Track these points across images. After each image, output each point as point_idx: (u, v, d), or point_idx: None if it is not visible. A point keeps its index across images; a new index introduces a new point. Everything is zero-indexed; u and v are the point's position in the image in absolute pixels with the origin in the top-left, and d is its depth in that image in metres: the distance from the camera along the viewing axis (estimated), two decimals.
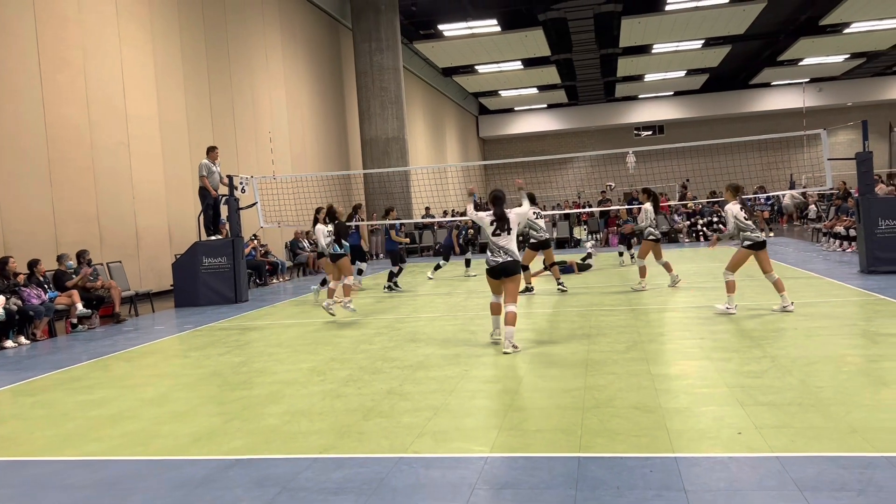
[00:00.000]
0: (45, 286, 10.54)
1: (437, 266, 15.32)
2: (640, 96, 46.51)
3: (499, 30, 28.12)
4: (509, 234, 7.21)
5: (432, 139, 36.17)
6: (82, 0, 12.98)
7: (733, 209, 8.70)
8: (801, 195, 26.53)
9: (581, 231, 27.74)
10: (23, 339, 9.69)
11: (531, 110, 48.47)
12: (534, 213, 11.52)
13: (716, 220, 21.68)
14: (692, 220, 22.77)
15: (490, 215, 7.31)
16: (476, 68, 34.99)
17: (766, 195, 25.79)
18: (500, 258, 7.17)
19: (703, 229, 22.04)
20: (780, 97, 44.84)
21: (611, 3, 26.22)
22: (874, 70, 41.86)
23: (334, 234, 10.23)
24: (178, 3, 15.82)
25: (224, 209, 13.77)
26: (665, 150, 16.13)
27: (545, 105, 47.37)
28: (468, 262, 16.02)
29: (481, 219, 7.38)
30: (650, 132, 48.45)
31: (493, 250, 7.24)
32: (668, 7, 26.26)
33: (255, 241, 16.62)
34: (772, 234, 22.45)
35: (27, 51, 11.81)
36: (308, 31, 22.56)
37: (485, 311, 9.45)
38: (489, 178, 45.73)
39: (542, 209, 14.92)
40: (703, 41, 31.95)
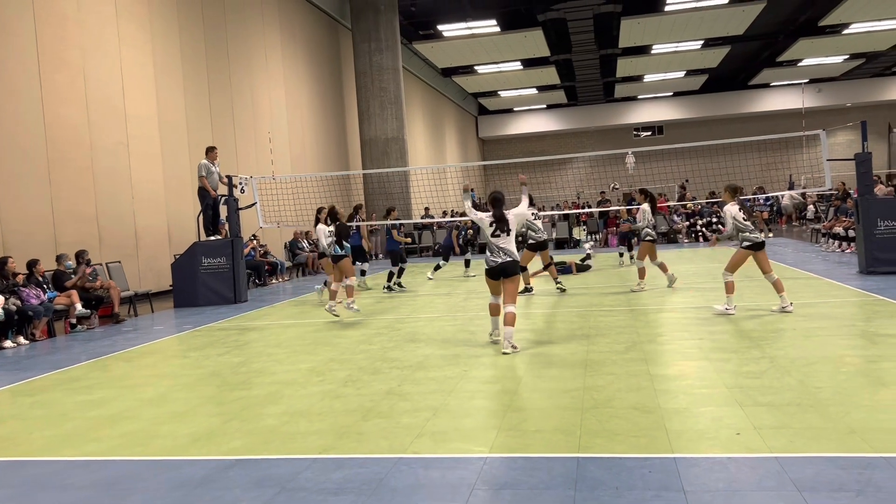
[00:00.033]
0: (45, 286, 10.54)
1: (437, 266, 15.32)
2: (639, 97, 46.54)
3: (498, 30, 28.13)
4: (508, 234, 7.24)
5: (432, 139, 36.17)
6: (81, 0, 12.98)
7: (732, 210, 8.71)
8: (801, 196, 26.55)
9: (580, 232, 27.76)
10: (22, 340, 9.69)
11: (530, 111, 48.49)
12: (532, 213, 11.52)
13: (715, 220, 21.69)
14: (691, 220, 22.78)
15: (490, 216, 7.32)
16: (475, 69, 35.01)
17: (765, 196, 25.80)
18: (500, 258, 7.18)
19: (703, 230, 22.05)
20: (780, 98, 44.89)
21: (610, 4, 26.24)
22: (873, 71, 41.89)
23: (335, 236, 10.23)
24: (177, 4, 15.82)
25: (223, 209, 13.78)
26: (664, 150, 16.14)
27: (544, 105, 47.39)
28: (468, 263, 16.01)
29: (481, 219, 7.39)
30: (649, 133, 48.49)
31: (492, 251, 7.25)
32: (667, 8, 26.27)
33: (255, 242, 16.62)
34: (771, 234, 22.46)
35: (26, 50, 11.81)
36: (307, 32, 22.57)
37: (484, 311, 9.45)
38: (488, 178, 45.77)
39: (541, 209, 14.95)
40: (702, 42, 31.96)
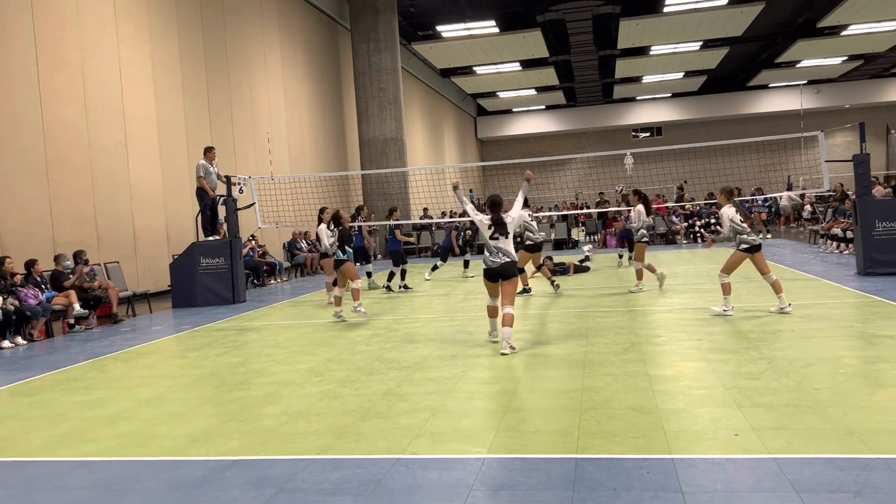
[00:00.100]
0: (43, 286, 10.53)
1: (435, 267, 15.33)
2: (638, 98, 46.57)
3: (497, 31, 28.13)
4: (507, 237, 7.28)
5: (430, 140, 36.17)
6: (80, 0, 12.98)
7: (728, 212, 8.74)
8: (799, 197, 26.58)
9: (579, 232, 27.77)
10: (20, 340, 9.68)
11: (529, 111, 48.51)
12: (528, 214, 11.56)
13: (713, 221, 21.71)
14: (690, 221, 22.81)
15: (488, 219, 7.35)
16: (474, 69, 35.01)
17: (763, 197, 25.83)
18: (499, 259, 7.20)
19: (701, 230, 22.07)
20: (778, 99, 44.95)
21: (609, 5, 26.25)
22: (872, 72, 41.95)
23: (338, 240, 10.17)
24: (176, 4, 15.81)
25: (222, 209, 13.77)
26: (663, 151, 16.16)
27: (543, 106, 47.41)
28: (466, 264, 16.02)
29: (481, 221, 7.42)
30: (648, 134, 48.54)
31: (490, 252, 7.28)
32: (666, 9, 26.29)
33: (253, 242, 16.61)
34: (769, 235, 22.48)
35: (25, 51, 11.80)
36: (306, 32, 22.56)
37: (482, 312, 9.45)
38: (487, 179, 45.78)
39: (539, 210, 14.96)
40: (701, 43, 31.98)
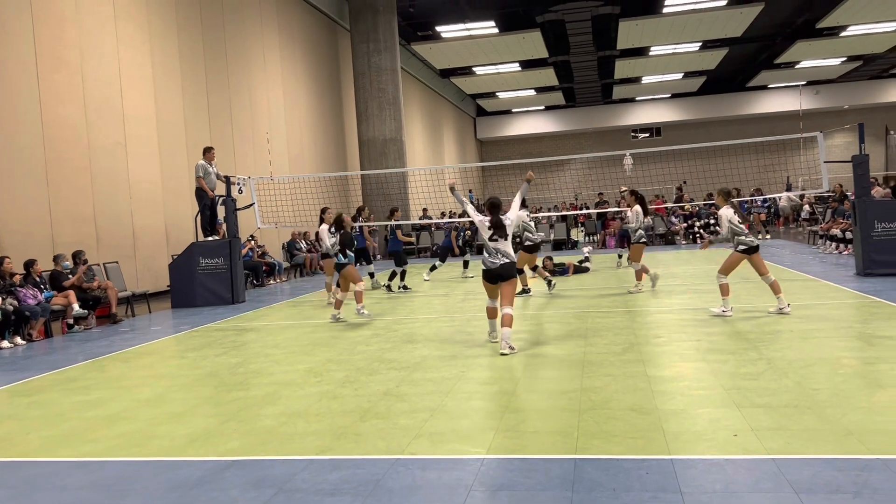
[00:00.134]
0: (42, 286, 10.53)
1: (433, 267, 15.33)
2: (637, 98, 46.59)
3: (496, 31, 28.14)
4: (506, 239, 7.33)
5: (430, 140, 36.17)
6: (80, 0, 12.98)
7: (727, 213, 8.75)
8: (799, 198, 26.60)
9: (578, 233, 27.77)
10: (19, 340, 9.67)
11: (528, 112, 48.52)
12: (526, 215, 11.60)
13: (713, 221, 21.72)
14: (689, 222, 22.81)
15: (488, 221, 7.37)
16: (474, 70, 35.02)
17: (762, 197, 25.85)
18: (498, 261, 7.23)
19: (700, 231, 22.08)
20: (777, 100, 44.98)
21: (608, 6, 26.26)
22: (871, 73, 41.98)
23: (339, 244, 10.10)
24: (175, 4, 15.81)
25: (221, 210, 13.76)
26: (662, 152, 16.17)
27: (543, 107, 47.42)
28: (466, 264, 16.02)
29: (482, 222, 7.44)
30: (647, 134, 48.56)
31: (490, 253, 7.31)
32: (665, 9, 26.30)
33: (253, 242, 16.61)
34: (768, 236, 22.49)
35: (24, 51, 11.80)
36: (306, 32, 22.56)
37: (482, 312, 9.45)
38: (487, 179, 45.79)
39: (539, 210, 14.97)
40: (700, 44, 32.00)
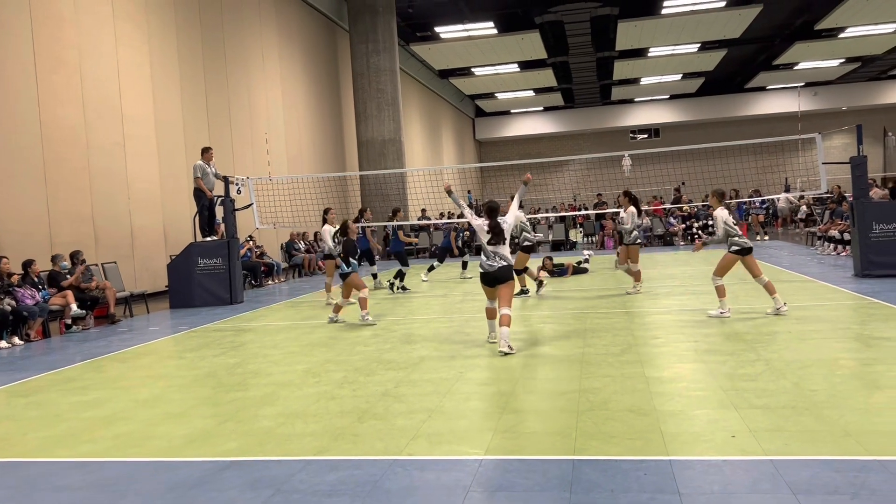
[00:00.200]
0: (40, 287, 10.51)
1: (431, 267, 15.33)
2: (635, 99, 46.63)
3: (495, 32, 28.15)
4: (504, 242, 7.38)
5: (429, 141, 36.17)
6: (78, 0, 12.97)
7: (722, 214, 8.76)
8: (798, 199, 26.62)
9: (577, 234, 27.77)
10: (16, 340, 9.66)
11: (527, 113, 48.55)
12: (524, 216, 11.66)
13: (710, 223, 21.73)
14: (687, 223, 22.82)
15: (486, 224, 7.39)
16: (472, 70, 35.03)
17: (761, 198, 25.86)
18: (495, 263, 7.26)
19: (699, 232, 22.09)
20: (776, 101, 45.03)
21: (607, 7, 26.28)
22: (869, 74, 42.03)
23: (342, 252, 9.98)
24: (174, 4, 15.80)
25: (220, 210, 13.75)
26: (661, 153, 16.18)
27: (541, 108, 47.45)
28: (465, 265, 16.02)
29: (480, 227, 7.46)
30: (646, 135, 48.59)
31: (488, 255, 7.36)
32: (664, 11, 26.33)
33: (251, 243, 16.60)
34: (767, 237, 22.51)
35: (23, 50, 11.79)
36: (305, 33, 22.56)
37: (480, 313, 9.46)
38: (485, 180, 45.80)
39: (538, 211, 14.97)
40: (699, 45, 32.04)
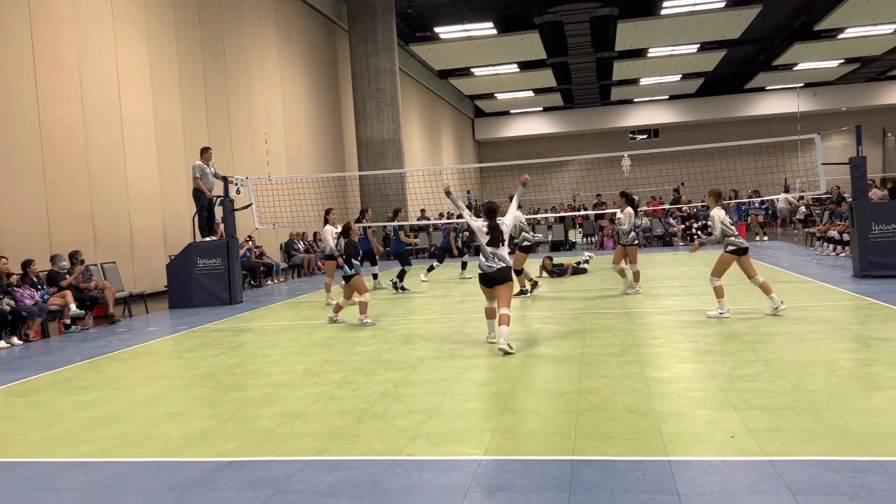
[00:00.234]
0: (39, 286, 10.51)
1: (430, 268, 15.33)
2: (635, 100, 46.64)
3: (495, 33, 28.15)
4: (503, 243, 7.38)
5: (428, 141, 36.18)
6: (78, 0, 12.96)
7: (720, 214, 8.78)
8: (798, 199, 26.64)
9: (576, 234, 27.76)
10: (15, 340, 9.66)
11: (527, 113, 48.56)
12: (522, 217, 11.67)
13: (710, 223, 21.73)
14: (687, 223, 22.83)
15: (486, 226, 7.40)
16: (472, 71, 35.03)
17: (760, 199, 25.87)
18: (494, 265, 7.27)
19: (698, 233, 22.09)
20: (775, 102, 45.05)
21: (607, 7, 26.29)
22: (868, 75, 42.06)
23: (344, 253, 9.96)
24: (173, 4, 15.80)
25: (219, 210, 13.74)
26: (660, 153, 16.19)
27: (541, 108, 47.45)
28: (464, 265, 16.02)
29: (479, 228, 7.47)
30: (645, 136, 48.60)
31: (486, 256, 7.37)
32: (663, 11, 26.34)
33: (250, 243, 16.60)
34: (766, 238, 22.52)
35: (22, 50, 11.79)
36: (304, 33, 22.56)
37: (479, 313, 9.46)
38: (485, 180, 45.81)
39: (537, 212, 14.98)
40: (698, 45, 32.05)
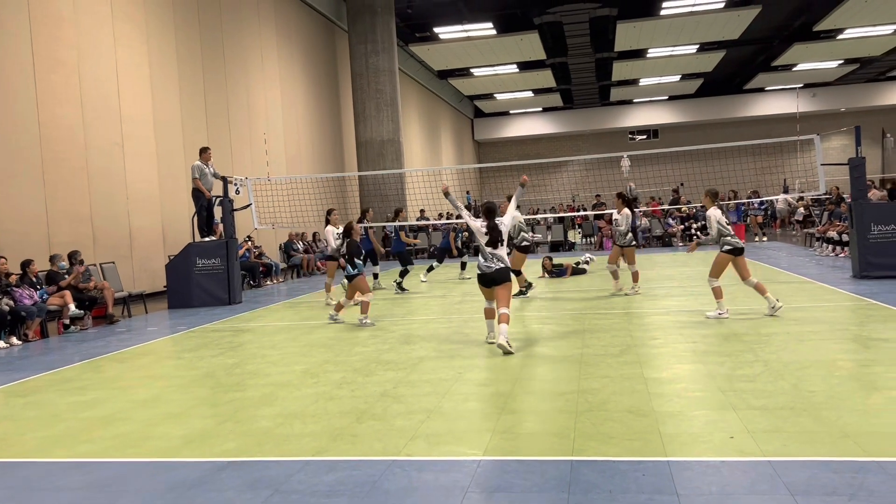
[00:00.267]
0: (38, 286, 10.50)
1: (430, 268, 15.33)
2: (634, 100, 46.66)
3: (494, 33, 28.15)
4: (502, 244, 7.39)
5: (427, 142, 36.17)
6: (77, 0, 12.96)
7: (716, 214, 8.78)
8: (797, 199, 26.64)
9: (576, 234, 27.75)
10: (14, 340, 9.65)
11: (526, 113, 48.57)
12: (521, 217, 11.68)
13: (707, 223, 21.73)
14: (686, 223, 22.83)
15: (484, 226, 7.40)
16: (471, 71, 35.04)
17: (759, 200, 25.88)
18: (493, 265, 7.29)
19: (697, 233, 22.10)
20: (775, 102, 45.07)
21: (606, 8, 26.30)
22: (867, 76, 42.09)
23: (346, 253, 9.95)
24: (173, 4, 15.80)
25: (218, 210, 13.74)
26: (659, 154, 16.19)
27: (540, 108, 47.46)
28: (464, 265, 16.01)
29: (478, 229, 7.48)
30: (645, 136, 48.62)
31: (485, 257, 7.38)
32: (663, 12, 26.35)
33: (250, 243, 16.59)
34: (765, 238, 22.52)
35: (22, 50, 11.78)
36: (304, 33, 22.56)
37: (479, 313, 9.46)
38: (484, 181, 45.80)
39: (536, 212, 14.99)
40: (697, 46, 32.06)
